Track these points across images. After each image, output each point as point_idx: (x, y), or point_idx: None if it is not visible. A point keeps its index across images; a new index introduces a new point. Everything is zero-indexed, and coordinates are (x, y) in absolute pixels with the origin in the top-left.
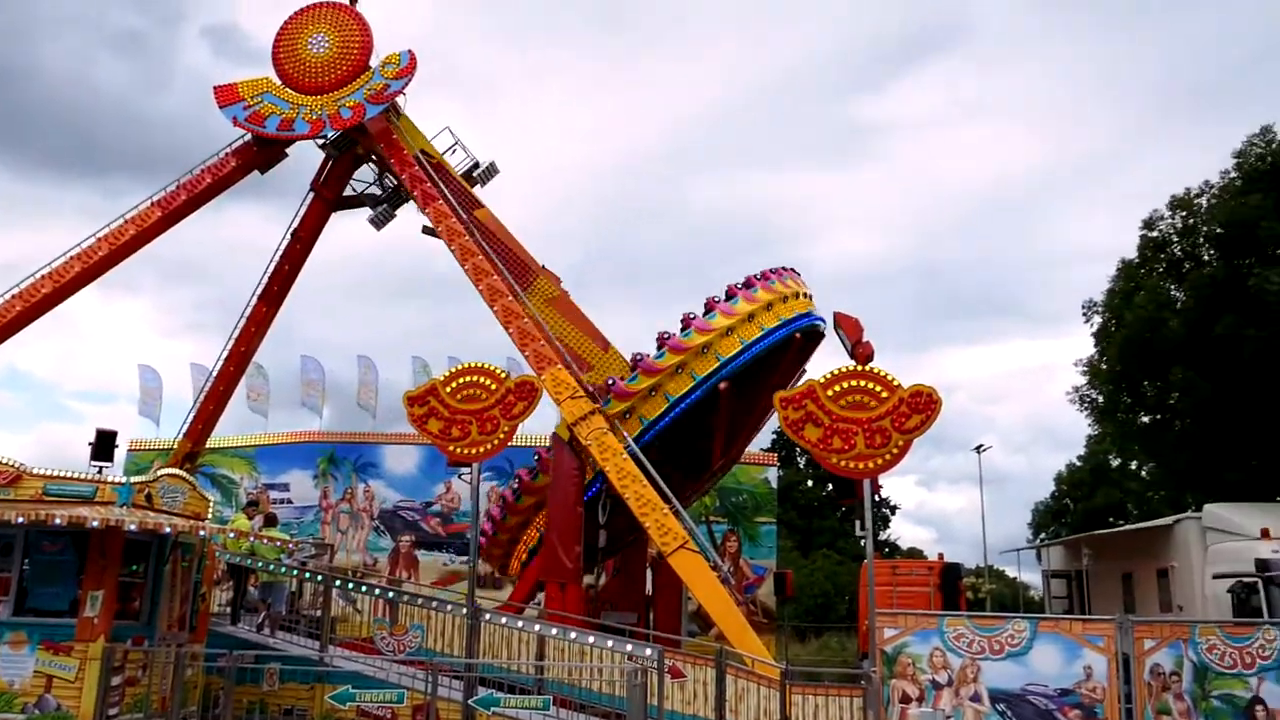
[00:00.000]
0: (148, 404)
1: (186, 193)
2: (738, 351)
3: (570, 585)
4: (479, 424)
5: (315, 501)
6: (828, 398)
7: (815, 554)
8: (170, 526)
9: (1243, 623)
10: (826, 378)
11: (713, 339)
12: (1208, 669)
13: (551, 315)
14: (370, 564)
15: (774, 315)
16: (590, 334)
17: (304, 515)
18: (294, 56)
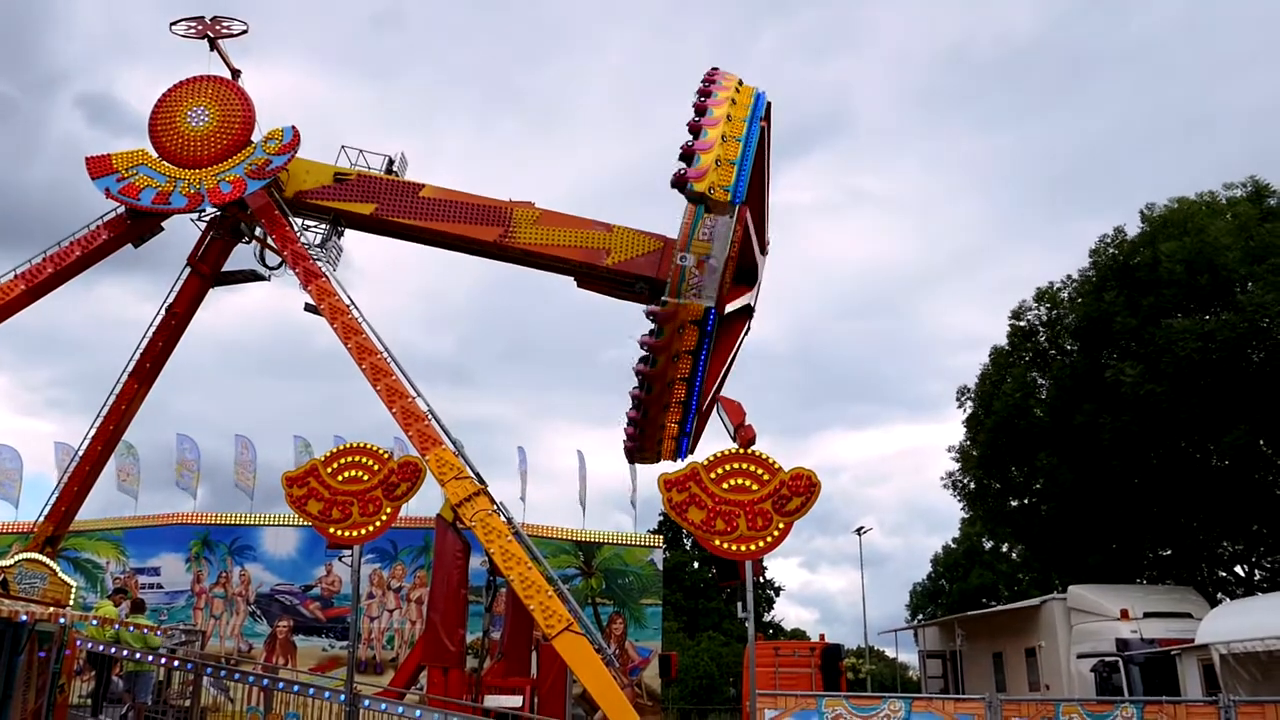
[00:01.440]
0: (6, 485)
1: (53, 266)
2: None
3: (452, 669)
4: (360, 505)
5: (187, 586)
6: (710, 480)
7: (701, 635)
8: (26, 614)
9: (1104, 701)
10: (710, 460)
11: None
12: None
13: (546, 231)
14: (245, 650)
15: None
16: (588, 225)
17: (175, 600)
18: (172, 129)
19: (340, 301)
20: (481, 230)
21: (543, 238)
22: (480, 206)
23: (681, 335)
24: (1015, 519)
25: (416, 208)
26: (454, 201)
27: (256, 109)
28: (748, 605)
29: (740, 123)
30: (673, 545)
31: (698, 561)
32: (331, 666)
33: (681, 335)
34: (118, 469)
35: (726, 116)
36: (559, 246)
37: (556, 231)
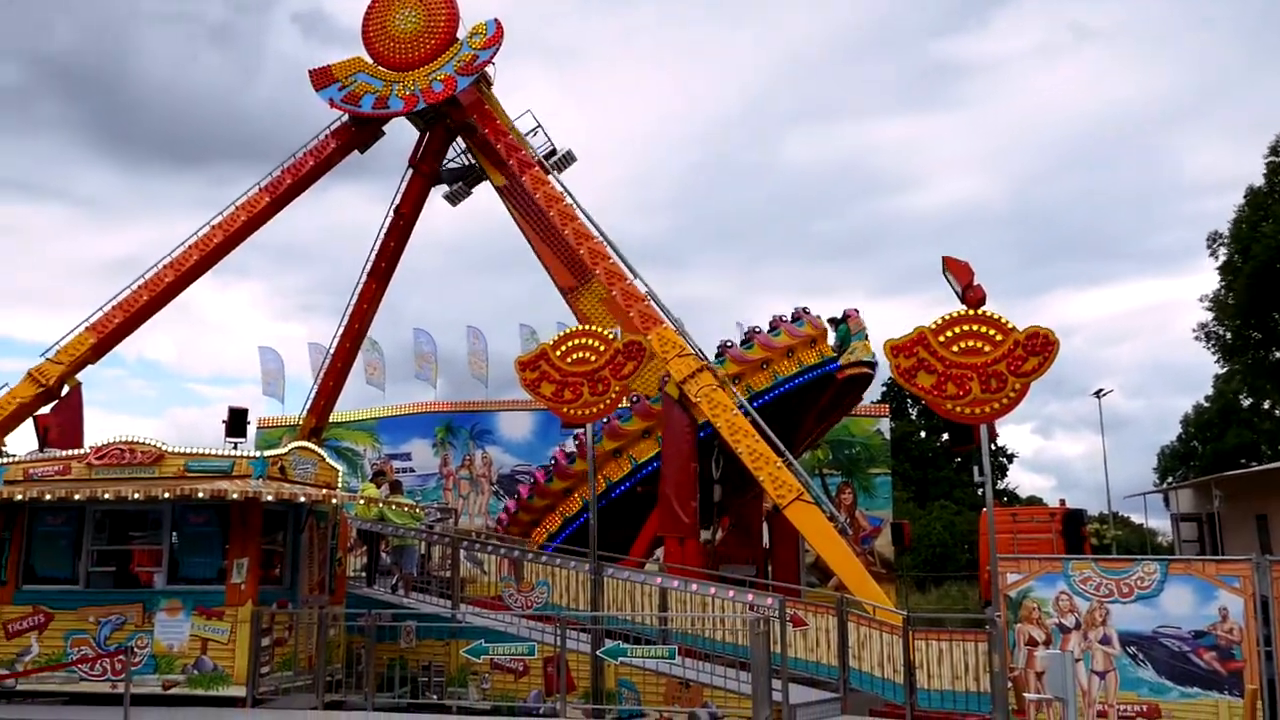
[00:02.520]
0: (271, 384)
1: (291, 176)
2: (793, 373)
3: (688, 540)
4: (590, 385)
5: (436, 469)
6: (939, 344)
7: (932, 505)
8: (304, 496)
9: None
10: (937, 323)
11: (774, 356)
12: None
13: (595, 308)
14: (492, 526)
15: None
16: (632, 326)
17: (426, 482)
18: (383, 34)
19: (555, 190)
20: (559, 271)
21: (596, 315)
22: (571, 253)
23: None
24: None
25: (530, 212)
26: (556, 230)
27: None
28: (984, 469)
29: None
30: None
31: (925, 430)
32: None
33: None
34: (365, 364)
35: None
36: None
37: (601, 312)
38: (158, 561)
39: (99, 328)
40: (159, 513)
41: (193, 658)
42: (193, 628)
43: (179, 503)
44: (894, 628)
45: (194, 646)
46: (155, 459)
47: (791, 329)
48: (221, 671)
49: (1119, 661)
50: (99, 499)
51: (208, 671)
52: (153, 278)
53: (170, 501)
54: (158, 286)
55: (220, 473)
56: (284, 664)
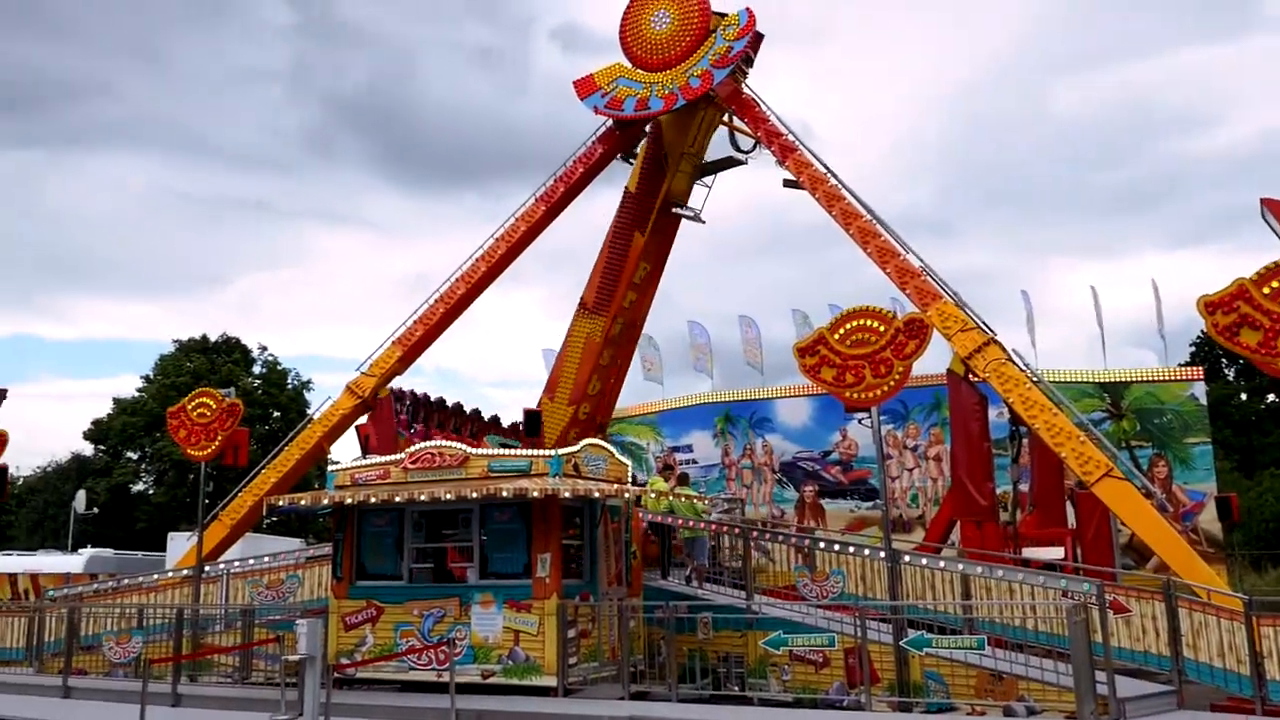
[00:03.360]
0: None
1: (563, 184)
2: None
3: (986, 523)
4: (872, 367)
5: (718, 460)
6: (1263, 296)
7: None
8: (599, 491)
9: None
10: (1260, 274)
11: None
12: None
13: (578, 346)
14: (778, 515)
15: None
16: (580, 382)
17: (709, 474)
18: (640, 38)
19: (818, 171)
20: (592, 286)
21: (574, 338)
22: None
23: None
24: None
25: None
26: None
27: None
28: None
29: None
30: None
31: (1246, 392)
32: (860, 527)
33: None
34: (642, 359)
35: None
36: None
37: (577, 345)
38: (469, 557)
39: (403, 341)
40: (468, 511)
41: (507, 649)
42: (505, 620)
43: (485, 501)
44: (1233, 613)
45: (507, 638)
46: (461, 461)
47: None
48: (533, 662)
49: None
50: (416, 500)
51: (520, 662)
52: (446, 291)
53: (478, 500)
54: (451, 299)
55: (520, 472)
56: (589, 655)
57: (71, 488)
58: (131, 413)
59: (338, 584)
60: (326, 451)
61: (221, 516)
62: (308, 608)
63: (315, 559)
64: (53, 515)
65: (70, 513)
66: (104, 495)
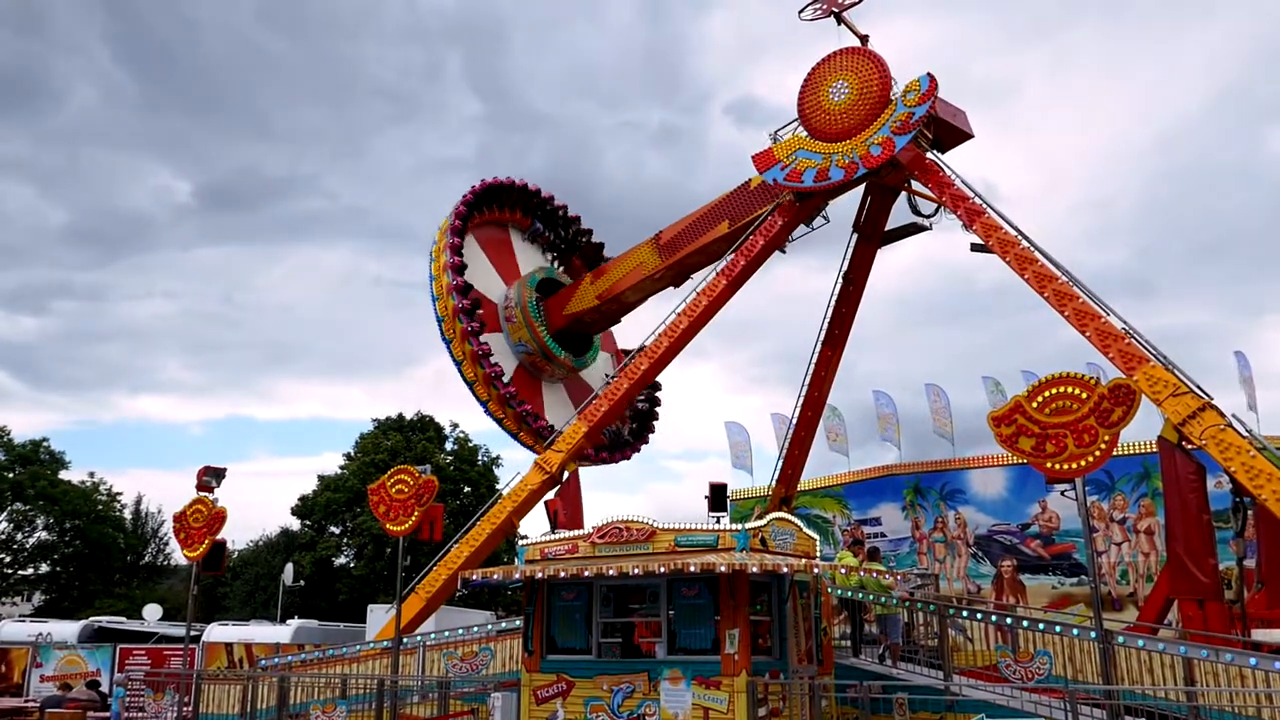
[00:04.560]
0: (739, 456)
1: (744, 258)
2: None
3: (1209, 602)
4: (1074, 436)
5: (908, 533)
6: None
7: None
8: (787, 566)
9: None
10: None
11: None
12: None
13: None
14: (974, 591)
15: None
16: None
17: (899, 547)
18: (819, 109)
19: (1009, 234)
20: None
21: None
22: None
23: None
24: None
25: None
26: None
27: (890, 66)
28: None
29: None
30: None
31: None
32: (1064, 604)
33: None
34: (826, 430)
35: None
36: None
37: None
38: (657, 632)
39: (588, 416)
40: (656, 586)
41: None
42: (694, 697)
43: (672, 576)
44: None
45: (697, 715)
46: (648, 535)
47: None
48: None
49: None
50: (604, 574)
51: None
52: (630, 366)
53: (665, 575)
54: (635, 374)
55: (706, 546)
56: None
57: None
58: (334, 489)
59: (529, 657)
60: (515, 526)
61: (418, 589)
62: (500, 680)
63: (506, 632)
64: (263, 587)
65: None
66: (309, 568)
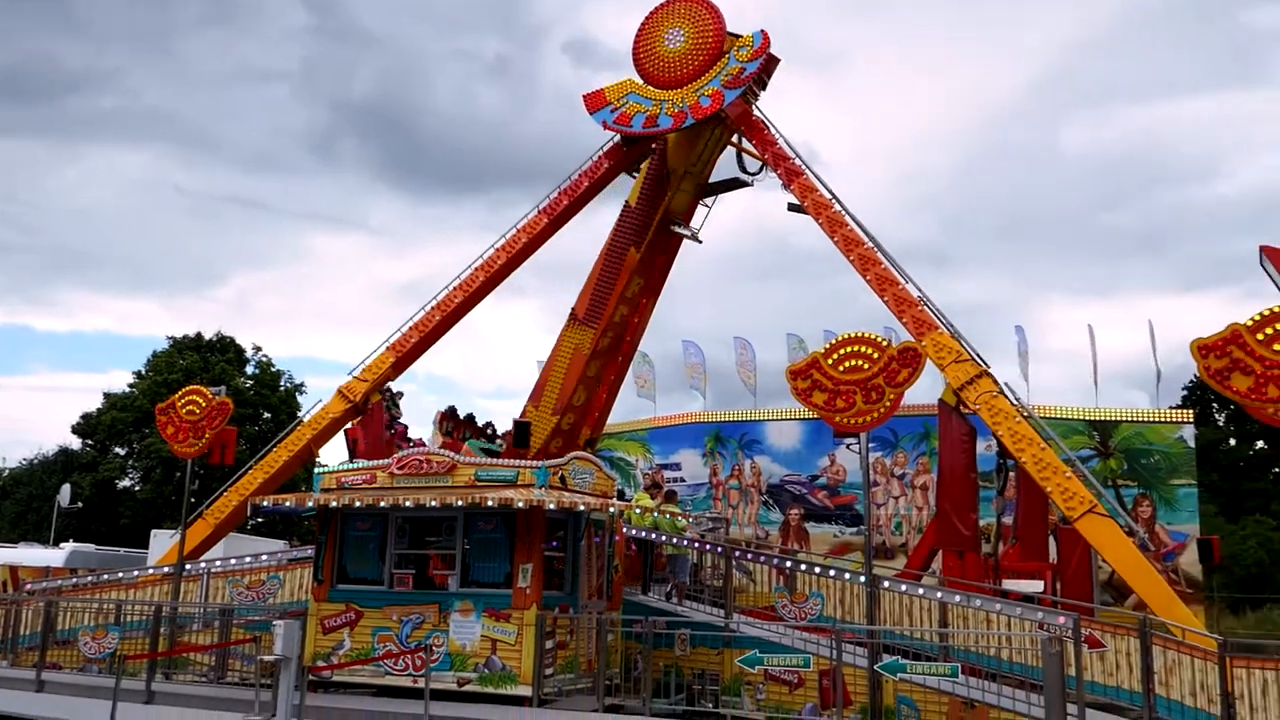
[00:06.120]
0: None
1: (567, 198)
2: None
3: (968, 553)
4: (863, 394)
5: (706, 479)
6: (1257, 342)
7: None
8: (584, 504)
9: None
10: (1255, 320)
11: None
12: None
13: (566, 356)
14: (762, 536)
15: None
16: (565, 392)
17: (696, 492)
18: (652, 55)
19: (823, 197)
20: (584, 298)
21: (561, 349)
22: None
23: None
24: None
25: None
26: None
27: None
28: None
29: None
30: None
31: (1235, 438)
32: (844, 551)
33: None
34: (636, 377)
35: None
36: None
37: (565, 354)
38: (451, 565)
39: (397, 347)
40: (453, 519)
41: (483, 657)
42: (483, 629)
43: (470, 510)
44: (1208, 653)
45: (485, 646)
46: (449, 469)
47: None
48: (509, 671)
49: None
50: (401, 506)
51: (497, 671)
52: (443, 299)
53: (463, 509)
54: (448, 307)
55: (506, 482)
56: (566, 666)
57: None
58: (121, 408)
59: (318, 587)
60: (315, 455)
61: (205, 515)
62: (287, 609)
63: (298, 561)
64: (36, 508)
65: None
66: (89, 490)
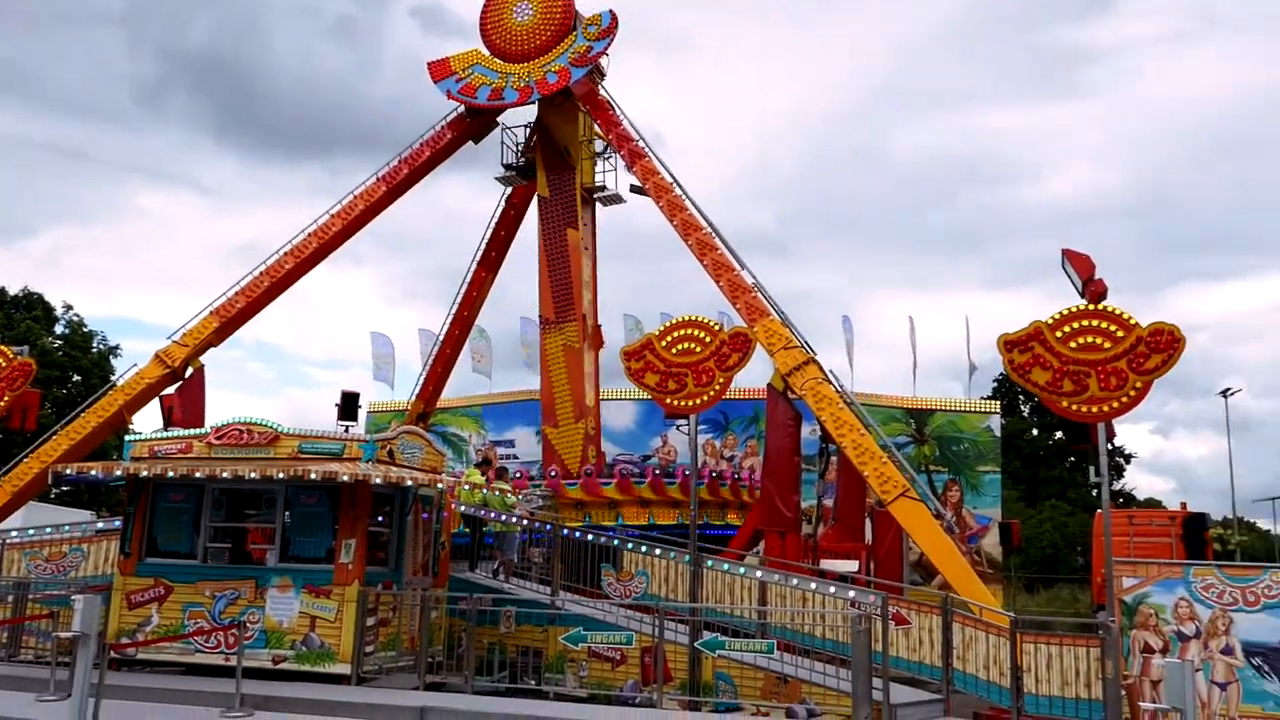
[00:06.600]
0: (381, 369)
1: (408, 166)
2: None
3: (789, 534)
4: (695, 376)
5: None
6: (1056, 339)
7: (1043, 505)
8: (411, 479)
9: None
10: (1055, 318)
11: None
12: None
13: (561, 358)
14: None
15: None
16: (576, 396)
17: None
18: (500, 27)
19: (664, 180)
20: (546, 301)
21: (551, 352)
22: (565, 288)
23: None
24: None
25: (557, 226)
26: (564, 261)
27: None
28: (1101, 470)
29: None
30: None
31: (1037, 428)
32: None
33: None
34: (472, 351)
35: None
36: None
37: (559, 355)
38: (271, 539)
39: (222, 312)
40: (273, 492)
41: (301, 634)
42: (302, 605)
43: (292, 483)
44: (1001, 629)
45: (303, 623)
46: (271, 440)
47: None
48: (328, 648)
49: (1242, 673)
50: (218, 477)
51: (315, 648)
52: (274, 264)
53: (284, 481)
54: (278, 273)
55: (332, 455)
56: (388, 644)
57: None
58: None
59: (125, 560)
60: (128, 422)
61: (3, 482)
62: (90, 584)
63: (105, 533)
64: None
65: None
66: None
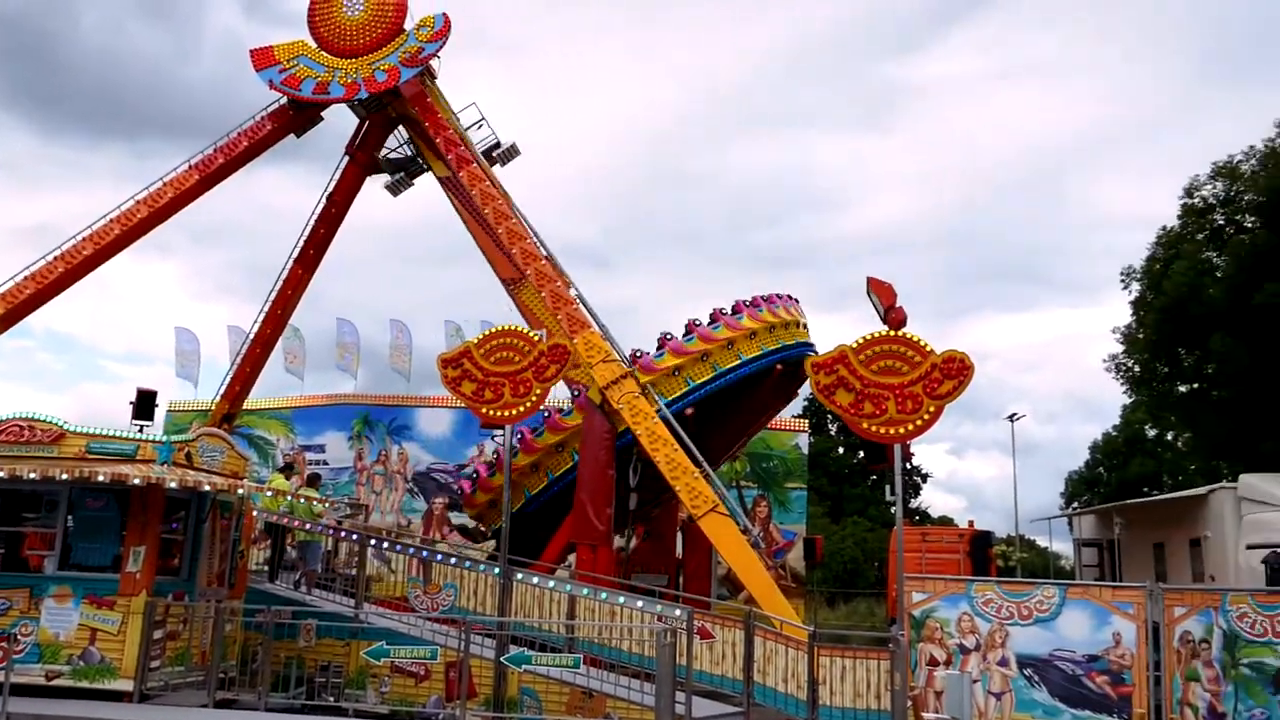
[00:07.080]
0: (185, 366)
1: (223, 156)
2: (733, 366)
3: (601, 547)
4: (512, 386)
5: (350, 463)
6: (859, 362)
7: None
8: (209, 485)
9: (1275, 591)
10: (859, 342)
11: (713, 349)
12: (1238, 637)
13: (544, 307)
14: (405, 524)
15: (774, 338)
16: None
17: (339, 476)
18: (329, 20)
19: (490, 188)
20: (501, 262)
21: (533, 304)
22: (505, 250)
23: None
24: (1183, 405)
25: (472, 204)
26: (493, 229)
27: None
28: (896, 489)
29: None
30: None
31: (843, 447)
32: None
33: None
34: (285, 351)
35: None
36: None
37: (541, 306)
38: (50, 545)
39: (8, 298)
40: (55, 494)
41: (80, 648)
42: (82, 617)
43: (77, 485)
44: (800, 643)
45: (82, 636)
46: (55, 438)
47: (755, 314)
48: (109, 664)
49: (1015, 683)
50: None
51: (94, 663)
52: (70, 250)
53: (68, 483)
54: (74, 259)
55: (123, 456)
56: (176, 659)
57: None
58: None
59: None
60: None
61: None
62: None
63: None
64: None
65: None
66: None
